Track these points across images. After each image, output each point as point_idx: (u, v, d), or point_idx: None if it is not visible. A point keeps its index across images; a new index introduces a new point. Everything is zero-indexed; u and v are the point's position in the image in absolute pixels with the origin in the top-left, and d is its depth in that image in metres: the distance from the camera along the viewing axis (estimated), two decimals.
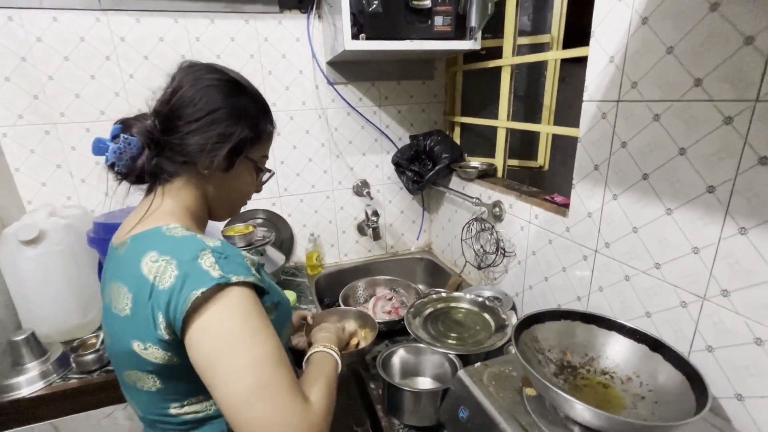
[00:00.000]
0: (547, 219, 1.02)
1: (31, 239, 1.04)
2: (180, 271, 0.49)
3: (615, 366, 0.71)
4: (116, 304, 0.53)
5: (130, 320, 0.51)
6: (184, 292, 0.48)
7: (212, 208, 0.66)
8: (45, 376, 1.01)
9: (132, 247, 0.54)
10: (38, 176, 1.25)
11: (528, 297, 1.15)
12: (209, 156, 0.58)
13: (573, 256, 0.95)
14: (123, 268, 0.54)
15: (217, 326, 0.48)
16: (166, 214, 0.58)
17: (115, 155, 0.56)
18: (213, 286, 0.48)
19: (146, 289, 0.49)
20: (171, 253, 0.50)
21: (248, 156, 0.63)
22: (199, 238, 0.53)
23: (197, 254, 0.50)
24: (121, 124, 0.59)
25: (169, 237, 0.53)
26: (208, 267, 0.49)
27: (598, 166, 0.84)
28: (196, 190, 0.62)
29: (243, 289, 0.50)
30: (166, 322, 0.48)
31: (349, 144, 1.55)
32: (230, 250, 0.54)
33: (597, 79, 0.81)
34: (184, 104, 0.57)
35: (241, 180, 0.66)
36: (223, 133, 0.58)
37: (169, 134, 0.58)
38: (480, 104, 1.58)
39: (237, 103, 0.60)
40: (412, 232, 1.77)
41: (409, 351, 0.94)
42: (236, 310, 0.49)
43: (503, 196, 1.20)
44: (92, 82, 1.22)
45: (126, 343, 0.52)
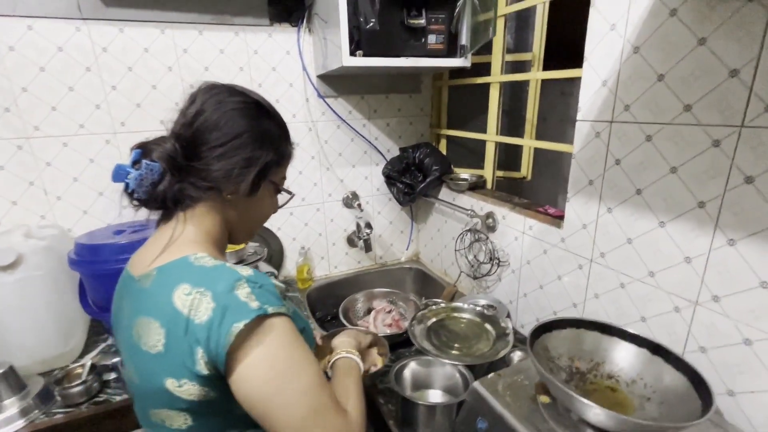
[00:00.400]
0: (542, 230, 1.07)
1: (8, 264, 0.96)
2: (217, 304, 0.47)
3: (619, 370, 0.76)
4: (147, 340, 0.51)
5: (164, 357, 0.49)
6: (225, 325, 0.46)
7: (233, 233, 0.65)
8: (26, 413, 0.93)
9: (160, 280, 0.53)
10: (8, 194, 1.16)
11: (522, 304, 1.20)
12: (236, 181, 0.57)
13: (568, 265, 1.00)
14: (152, 301, 0.52)
15: (267, 359, 0.47)
16: (190, 242, 0.57)
17: (136, 182, 0.54)
18: (254, 318, 0.47)
19: (181, 323, 0.48)
20: (204, 285, 0.49)
21: (271, 179, 0.63)
22: (230, 267, 0.52)
23: (233, 284, 0.49)
24: (141, 148, 0.57)
25: (198, 267, 0.52)
26: (245, 298, 0.48)
27: (592, 181, 0.90)
28: (218, 216, 0.61)
29: (281, 318, 0.50)
30: (207, 357, 0.47)
31: (339, 156, 1.56)
32: (262, 278, 0.53)
33: (590, 100, 0.87)
34: (208, 128, 0.57)
35: (263, 203, 0.66)
36: (250, 157, 0.58)
37: (192, 159, 0.56)
38: (465, 117, 1.64)
39: (261, 126, 0.60)
40: (400, 242, 1.79)
41: (419, 363, 0.95)
42: (281, 341, 0.49)
43: (496, 208, 1.25)
44: (70, 94, 1.15)
45: (158, 381, 0.50)
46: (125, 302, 0.57)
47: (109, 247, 1.04)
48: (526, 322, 1.20)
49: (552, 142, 1.07)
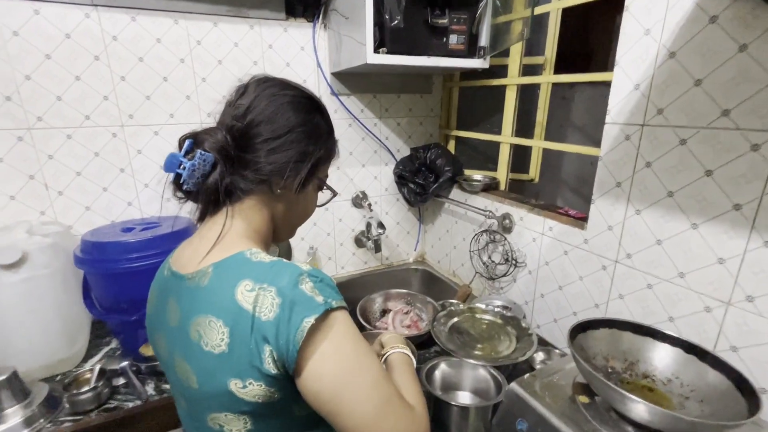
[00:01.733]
0: (563, 231, 1.08)
1: (13, 263, 0.90)
2: (283, 299, 0.46)
3: (654, 369, 0.77)
4: (209, 340, 0.48)
5: (228, 357, 0.47)
6: (294, 320, 0.45)
7: (277, 229, 0.63)
8: (30, 422, 0.87)
9: (218, 276, 0.50)
10: (6, 189, 1.09)
11: (539, 305, 1.21)
12: (289, 176, 0.56)
13: (591, 265, 1.02)
14: (212, 299, 0.49)
15: (337, 353, 0.46)
16: (242, 238, 0.55)
17: (189, 172, 0.52)
18: (323, 313, 0.46)
19: (246, 321, 0.45)
20: (267, 280, 0.47)
21: (319, 176, 0.62)
22: (288, 263, 0.50)
23: (297, 279, 0.47)
24: (192, 138, 0.54)
25: (257, 263, 0.50)
26: (311, 293, 0.47)
27: (620, 183, 0.91)
28: (265, 211, 0.59)
29: (343, 312, 0.49)
30: (277, 354, 0.45)
31: (349, 155, 1.54)
32: (321, 273, 0.52)
33: (621, 103, 0.88)
34: (261, 121, 0.55)
35: (309, 200, 0.65)
36: (303, 152, 0.57)
37: (245, 151, 0.55)
38: (474, 119, 1.65)
39: (313, 121, 0.59)
40: (406, 243, 1.78)
41: (448, 365, 0.94)
42: (348, 334, 0.48)
43: (513, 209, 1.25)
44: (77, 83, 1.10)
45: (221, 382, 0.47)
46: (172, 302, 0.54)
47: (118, 246, 0.99)
48: (542, 322, 1.21)
49: (575, 145, 1.09)
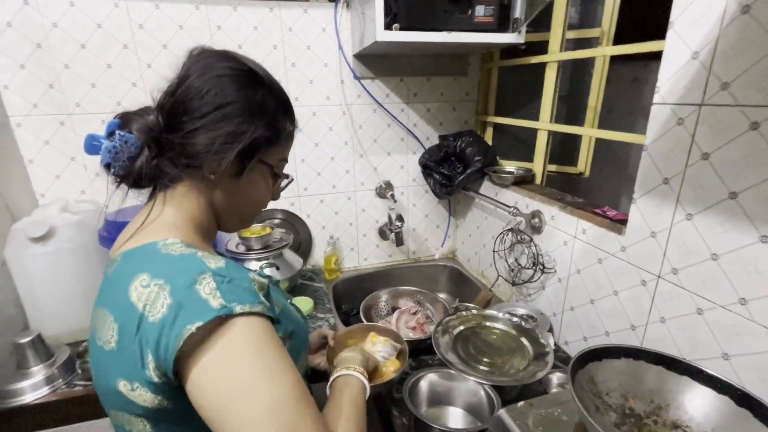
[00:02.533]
0: (598, 235, 0.91)
1: (41, 236, 0.98)
2: (173, 300, 0.40)
3: (689, 419, 0.60)
4: (101, 334, 0.45)
5: (116, 355, 0.43)
6: (177, 326, 0.39)
7: (221, 219, 0.58)
8: (50, 381, 0.95)
9: (121, 267, 0.47)
10: (52, 168, 1.20)
11: (568, 318, 1.04)
12: (216, 158, 0.49)
13: (629, 279, 0.84)
14: (110, 291, 0.46)
15: (223, 368, 0.40)
16: (167, 226, 0.50)
17: (110, 155, 0.48)
18: (212, 319, 0.40)
19: (134, 320, 0.41)
20: (165, 276, 0.42)
21: (263, 159, 0.55)
22: (200, 258, 0.45)
23: (195, 278, 0.42)
24: (121, 118, 0.51)
25: (164, 255, 0.45)
26: (207, 295, 0.41)
27: (668, 179, 0.73)
28: (201, 198, 0.54)
29: (251, 319, 0.42)
30: (156, 362, 0.40)
31: (373, 143, 1.46)
32: (236, 271, 0.45)
33: (674, 78, 0.70)
34: (189, 97, 0.49)
35: (255, 187, 0.57)
36: (234, 131, 0.50)
37: (172, 131, 0.49)
38: (515, 104, 1.47)
39: (252, 97, 0.51)
40: (435, 237, 1.67)
41: (439, 376, 0.84)
42: (244, 346, 0.41)
43: (544, 206, 1.09)
44: (108, 71, 1.16)
45: (111, 381, 0.44)
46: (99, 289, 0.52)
47: None
48: (571, 339, 1.04)
49: (617, 132, 0.90)
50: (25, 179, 1.18)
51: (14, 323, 1.07)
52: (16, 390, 0.92)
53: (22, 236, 0.98)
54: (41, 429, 0.94)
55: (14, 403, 0.90)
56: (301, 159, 1.41)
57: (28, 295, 1.03)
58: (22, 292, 1.04)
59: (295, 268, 1.30)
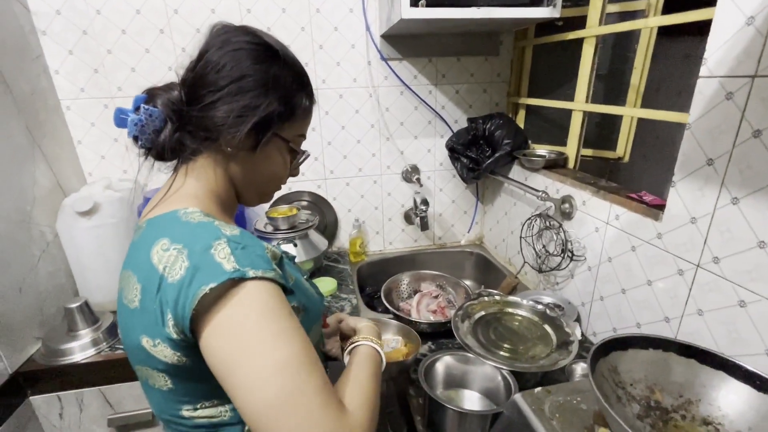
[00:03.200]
0: (632, 221, 0.85)
1: (86, 210, 1.06)
2: (191, 263, 0.43)
3: (722, 416, 0.56)
4: (126, 294, 0.48)
5: (139, 314, 0.46)
6: (193, 287, 0.42)
7: (240, 192, 0.60)
8: (96, 343, 1.04)
9: (146, 233, 0.49)
10: (98, 149, 1.28)
11: (597, 309, 1.00)
12: (232, 131, 0.50)
13: (664, 268, 0.79)
14: (135, 254, 0.49)
15: (233, 327, 0.42)
16: (188, 197, 0.53)
17: (136, 128, 0.51)
18: (225, 281, 0.41)
19: (155, 281, 0.44)
20: (184, 242, 0.45)
21: (278, 134, 0.55)
22: (216, 225, 0.47)
23: (210, 244, 0.44)
24: (147, 93, 0.53)
25: (184, 223, 0.48)
26: (221, 259, 0.43)
27: (712, 160, 0.67)
28: (221, 171, 0.55)
29: (262, 283, 0.44)
30: (174, 320, 0.43)
31: (400, 126, 1.45)
32: (250, 240, 0.47)
33: (723, 48, 0.63)
34: (208, 70, 0.51)
35: (271, 161, 0.58)
36: (248, 105, 0.50)
37: (192, 104, 0.51)
38: (550, 85, 1.40)
39: (268, 71, 0.52)
40: (462, 223, 1.64)
41: (456, 359, 0.84)
42: (254, 307, 0.42)
43: (575, 191, 1.04)
44: (147, 56, 1.22)
45: (135, 337, 0.47)
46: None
47: None
48: (600, 330, 0.99)
49: (657, 110, 0.83)
50: (74, 159, 1.27)
51: (65, 291, 1.17)
52: (67, 350, 1.01)
53: (70, 211, 1.06)
54: (88, 386, 1.03)
55: (65, 361, 0.99)
56: (327, 142, 1.42)
57: (77, 265, 1.12)
58: (72, 263, 1.13)
59: (320, 249, 1.33)
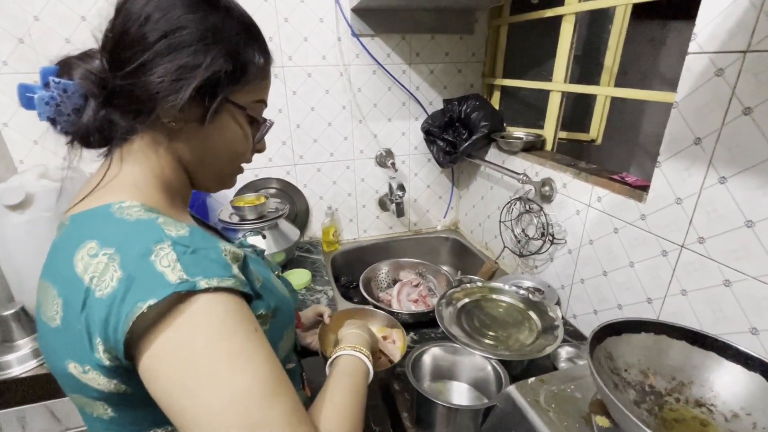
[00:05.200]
0: (615, 203, 0.84)
1: (18, 203, 0.92)
2: (124, 272, 0.34)
3: (714, 396, 0.56)
4: (45, 309, 0.39)
5: (62, 334, 0.37)
6: (127, 303, 0.33)
7: (193, 176, 0.49)
8: (38, 354, 0.92)
9: (69, 233, 0.40)
10: (29, 133, 1.12)
11: (578, 291, 1.00)
12: (170, 100, 0.40)
13: (647, 249, 0.78)
14: (55, 260, 0.40)
15: (179, 352, 0.34)
16: (125, 187, 0.43)
17: (48, 108, 0.40)
18: (169, 296, 0.33)
19: (80, 295, 0.35)
20: (116, 245, 0.36)
21: (230, 99, 0.45)
22: (159, 224, 0.38)
23: (150, 248, 0.35)
24: (60, 65, 0.42)
25: (117, 220, 0.38)
26: (163, 267, 0.34)
27: (700, 139, 0.65)
28: (164, 152, 0.45)
29: (217, 295, 0.36)
30: (105, 344, 0.35)
31: (373, 107, 1.37)
32: (202, 241, 0.39)
33: (714, 22, 0.61)
34: (129, 25, 0.40)
35: (226, 134, 0.47)
36: (185, 64, 0.40)
37: (116, 71, 0.40)
38: (525, 66, 1.37)
39: (205, 20, 0.42)
40: (437, 208, 1.61)
41: (443, 350, 0.80)
42: (206, 327, 0.35)
43: (555, 173, 1.02)
44: (83, 24, 1.06)
45: (61, 362, 0.38)
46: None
47: None
48: (580, 312, 1.00)
49: (643, 90, 0.82)
50: (0, 144, 1.11)
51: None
52: (3, 363, 0.88)
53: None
54: (31, 402, 0.91)
55: (2, 377, 0.87)
56: (296, 124, 1.32)
57: (9, 266, 0.98)
58: (3, 264, 0.98)
59: (291, 240, 1.25)
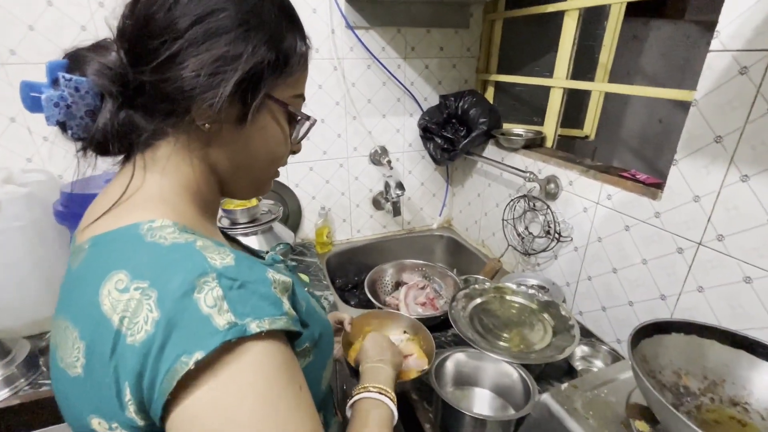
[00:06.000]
0: (627, 200, 0.84)
1: None
2: (162, 313, 0.28)
3: (748, 394, 0.56)
4: (63, 354, 0.33)
5: (84, 385, 0.31)
6: (167, 355, 0.28)
7: (227, 184, 0.43)
8: (10, 381, 0.81)
9: (90, 260, 0.34)
10: None
11: (584, 288, 1.00)
12: (206, 97, 0.34)
13: (661, 247, 0.79)
14: (73, 294, 0.33)
15: (220, 415, 0.28)
16: (152, 201, 0.37)
17: (58, 110, 0.34)
18: (219, 347, 0.28)
19: (107, 338, 0.29)
20: (151, 277, 0.30)
21: (271, 94, 0.39)
22: (198, 250, 0.32)
23: (194, 283, 0.29)
24: (69, 58, 0.36)
25: (149, 245, 0.32)
26: (209, 309, 0.29)
27: (721, 137, 0.66)
28: (196, 158, 0.39)
29: (268, 344, 0.30)
30: (136, 402, 0.29)
31: (367, 103, 1.32)
32: (249, 270, 0.32)
33: (738, 21, 0.61)
34: (155, 9, 0.34)
35: (268, 136, 0.40)
36: (225, 54, 0.34)
37: (139, 66, 0.34)
38: (520, 61, 1.36)
39: (245, 3, 0.36)
40: (431, 206, 1.58)
41: (466, 355, 0.78)
42: (252, 388, 0.29)
43: (560, 171, 1.02)
44: (50, 10, 0.95)
45: (81, 416, 0.32)
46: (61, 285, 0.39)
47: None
48: (587, 309, 1.00)
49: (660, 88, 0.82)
50: None
51: None
52: None
53: None
54: None
55: None
56: None
57: None
58: None
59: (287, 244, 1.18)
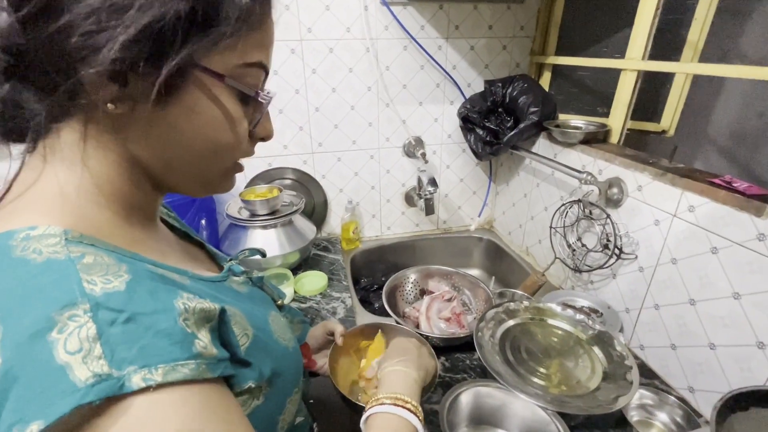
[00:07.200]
0: (717, 215, 0.65)
1: None
2: (3, 362, 0.21)
3: None
4: None
5: None
6: (3, 420, 0.20)
7: (161, 179, 0.34)
8: None
9: None
10: None
11: (648, 317, 0.81)
12: (92, 62, 0.25)
13: (764, 279, 0.59)
14: None
15: None
16: (45, 200, 0.29)
17: None
18: (69, 414, 0.20)
19: None
20: (2, 310, 0.23)
21: (199, 63, 0.29)
22: (77, 270, 0.24)
23: (52, 320, 0.22)
24: None
25: (16, 263, 0.24)
26: (68, 356, 0.21)
27: None
28: (111, 151, 0.30)
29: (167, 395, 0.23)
30: None
31: (402, 89, 1.20)
32: (146, 297, 0.25)
33: None
34: None
35: (201, 118, 0.31)
36: (112, 5, 0.25)
37: (31, 33, 0.26)
38: (583, 41, 1.16)
39: None
40: (471, 206, 1.43)
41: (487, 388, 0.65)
42: None
43: (627, 172, 0.83)
44: None
45: None
46: None
47: None
48: (650, 344, 0.82)
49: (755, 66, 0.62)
50: None
51: None
52: None
53: None
54: None
55: None
56: (315, 107, 1.17)
57: None
58: None
59: (307, 238, 1.11)
